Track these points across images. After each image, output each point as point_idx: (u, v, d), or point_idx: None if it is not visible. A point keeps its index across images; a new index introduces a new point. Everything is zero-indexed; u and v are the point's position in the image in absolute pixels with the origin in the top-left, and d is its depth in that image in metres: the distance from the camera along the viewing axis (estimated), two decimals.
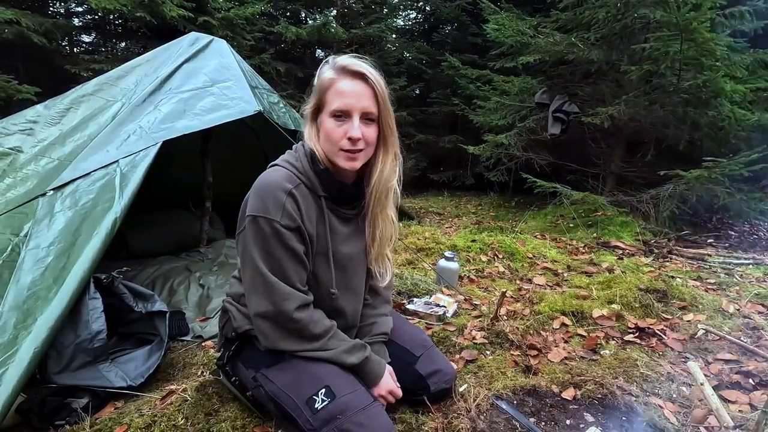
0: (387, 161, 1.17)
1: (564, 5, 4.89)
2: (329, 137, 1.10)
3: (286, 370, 1.16)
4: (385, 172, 1.17)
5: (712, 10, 3.66)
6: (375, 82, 1.10)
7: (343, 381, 1.13)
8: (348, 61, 1.11)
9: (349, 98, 1.08)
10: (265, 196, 1.08)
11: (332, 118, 1.09)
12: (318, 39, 7.19)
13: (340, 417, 1.06)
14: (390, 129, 1.15)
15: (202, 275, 2.60)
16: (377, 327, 1.34)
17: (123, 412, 1.39)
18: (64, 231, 1.60)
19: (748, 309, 2.16)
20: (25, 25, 4.32)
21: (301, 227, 1.11)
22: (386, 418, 1.12)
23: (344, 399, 1.08)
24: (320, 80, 1.13)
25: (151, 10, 4.99)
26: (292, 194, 1.10)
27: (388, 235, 1.26)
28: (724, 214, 4.42)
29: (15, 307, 1.39)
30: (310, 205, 1.14)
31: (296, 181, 1.12)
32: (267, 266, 1.10)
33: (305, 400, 1.09)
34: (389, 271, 1.33)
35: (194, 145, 2.72)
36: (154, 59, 2.42)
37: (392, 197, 1.23)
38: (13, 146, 2.00)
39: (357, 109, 1.08)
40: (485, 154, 5.70)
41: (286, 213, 1.08)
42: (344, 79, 1.09)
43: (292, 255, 1.11)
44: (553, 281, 2.67)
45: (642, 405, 1.38)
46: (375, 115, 1.11)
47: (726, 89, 3.73)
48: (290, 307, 1.11)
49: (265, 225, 1.07)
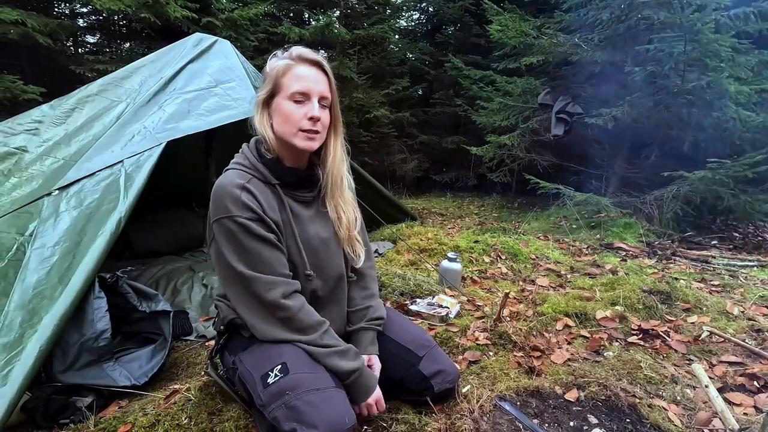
0: (338, 147, 1.24)
1: (568, 6, 4.89)
2: (288, 119, 1.14)
3: (255, 351, 1.16)
4: (338, 157, 1.24)
5: (716, 12, 3.65)
6: (329, 71, 1.19)
7: (304, 362, 1.10)
8: (304, 50, 1.17)
9: (309, 82, 1.14)
10: (222, 197, 1.11)
11: (290, 101, 1.14)
12: (321, 40, 7.19)
13: (289, 393, 1.02)
14: (338, 116, 1.23)
15: (205, 275, 2.61)
16: (372, 311, 1.33)
17: (127, 411, 1.40)
18: (69, 230, 1.61)
19: (752, 311, 2.15)
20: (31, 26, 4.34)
21: (263, 217, 1.13)
22: (344, 405, 1.06)
23: (298, 376, 1.05)
24: (275, 67, 1.16)
25: (156, 10, 5.01)
26: (245, 188, 1.12)
27: (352, 218, 1.30)
28: (729, 215, 4.39)
29: (21, 306, 1.40)
30: (267, 194, 1.16)
31: (247, 176, 1.15)
32: (243, 264, 1.11)
33: (260, 375, 1.09)
34: (363, 251, 1.35)
35: (198, 146, 2.74)
36: (158, 60, 2.43)
37: (347, 185, 1.29)
38: (19, 146, 2.01)
39: (315, 93, 1.15)
40: (488, 155, 5.70)
41: (246, 206, 1.10)
42: (302, 65, 1.15)
43: (265, 243, 1.13)
44: (556, 282, 2.67)
45: (646, 407, 1.37)
46: (329, 101, 1.19)
47: (731, 90, 3.72)
48: (276, 295, 1.11)
49: (230, 223, 1.10)
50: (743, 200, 3.77)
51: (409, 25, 9.36)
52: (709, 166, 3.66)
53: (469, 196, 7.26)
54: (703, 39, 3.59)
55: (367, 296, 1.37)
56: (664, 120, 4.24)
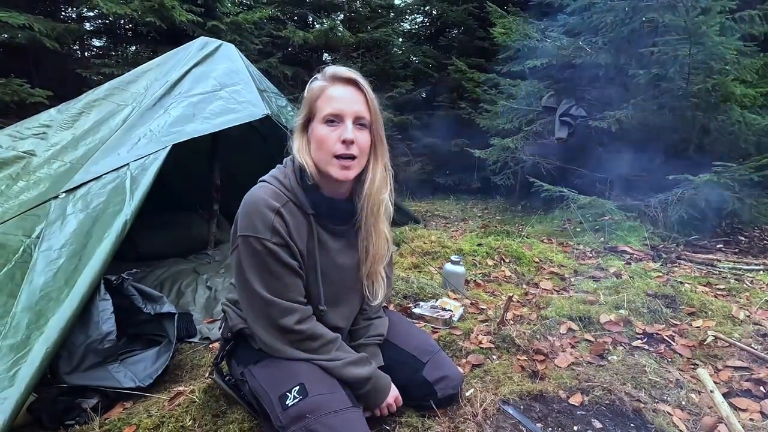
0: (377, 171, 1.15)
1: (571, 9, 4.88)
2: (322, 144, 1.08)
3: (269, 366, 1.15)
4: (376, 182, 1.15)
5: (721, 14, 3.64)
6: (366, 88, 1.11)
7: (321, 381, 1.10)
8: (338, 69, 1.12)
9: (342, 103, 1.08)
10: (253, 215, 1.08)
11: (324, 124, 1.08)
12: (325, 43, 7.23)
13: (309, 416, 1.03)
14: (380, 138, 1.15)
15: (209, 277, 2.62)
16: (373, 329, 1.34)
17: (132, 412, 1.41)
18: (75, 233, 1.63)
19: (758, 315, 2.13)
20: (38, 30, 4.39)
21: (290, 244, 1.11)
22: (362, 426, 1.07)
23: (317, 398, 1.06)
24: (310, 91, 1.13)
25: (161, 14, 5.05)
26: (279, 213, 1.08)
27: (383, 252, 1.24)
28: (734, 219, 4.36)
29: (28, 308, 1.41)
30: (299, 222, 1.13)
31: (284, 199, 1.11)
32: (263, 287, 1.09)
33: (278, 396, 1.08)
34: (382, 289, 1.29)
35: (203, 148, 2.75)
36: (163, 64, 2.46)
37: (384, 211, 1.20)
38: (27, 150, 2.04)
39: (350, 114, 1.08)
40: (492, 158, 5.69)
41: (276, 231, 1.08)
42: (335, 86, 1.10)
43: (287, 270, 1.11)
44: (559, 286, 2.66)
45: (651, 412, 1.36)
46: (367, 121, 1.11)
47: (736, 93, 3.70)
48: (291, 321, 1.11)
49: (257, 244, 1.07)
50: (749, 204, 3.74)
51: (413, 28, 9.37)
52: (715, 169, 3.64)
53: (473, 198, 7.25)
54: (708, 42, 3.58)
55: (368, 317, 1.38)
56: (669, 123, 4.22)
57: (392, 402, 1.23)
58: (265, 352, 1.17)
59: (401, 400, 1.26)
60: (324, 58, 8.36)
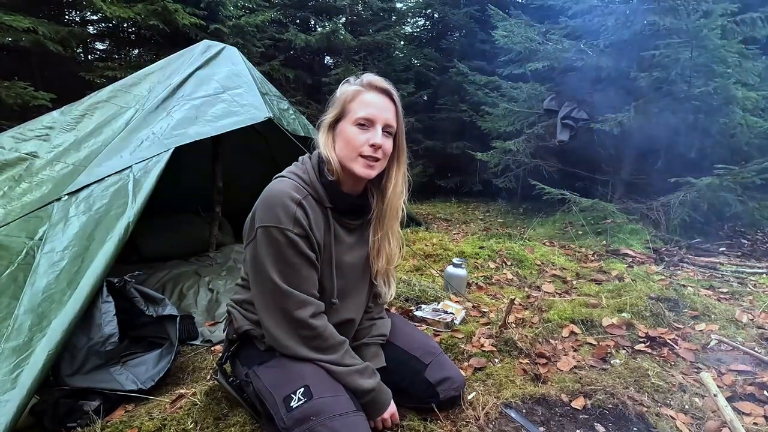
0: (399, 177, 1.24)
1: (573, 12, 4.89)
2: (350, 143, 1.14)
3: (274, 367, 1.16)
4: (398, 188, 1.24)
5: (723, 17, 3.64)
6: (397, 101, 1.19)
7: (326, 384, 1.11)
8: (375, 78, 1.19)
9: (375, 109, 1.15)
10: (275, 206, 1.10)
11: (355, 126, 1.14)
12: (327, 46, 7.26)
13: (313, 419, 1.03)
14: (403, 147, 1.23)
15: (211, 280, 2.62)
16: (376, 329, 1.36)
17: (133, 415, 1.41)
18: (78, 235, 1.63)
19: (762, 319, 2.13)
20: (42, 33, 4.42)
21: (310, 235, 1.14)
22: (366, 430, 1.08)
23: (321, 401, 1.06)
24: (344, 93, 1.18)
25: (164, 18, 5.08)
26: (301, 204, 1.12)
27: (396, 252, 1.31)
28: (737, 222, 4.36)
29: (30, 310, 1.41)
30: (317, 214, 1.17)
31: (304, 192, 1.15)
32: (281, 276, 1.11)
33: (283, 397, 1.09)
34: (392, 286, 1.37)
35: (205, 151, 2.76)
36: (166, 67, 2.46)
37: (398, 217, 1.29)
38: (30, 151, 2.04)
39: (381, 120, 1.15)
40: (493, 161, 5.70)
41: (297, 222, 1.10)
42: (371, 92, 1.17)
43: (306, 262, 1.13)
44: (562, 289, 2.65)
45: (654, 416, 1.36)
46: (394, 130, 1.19)
47: (737, 96, 3.70)
48: (306, 314, 1.12)
49: (279, 234, 1.09)
50: (751, 207, 3.74)
51: (415, 31, 9.41)
52: (717, 172, 3.64)
53: (474, 201, 7.25)
54: (709, 45, 3.58)
55: (371, 318, 1.39)
56: (671, 126, 4.22)
57: (387, 417, 1.22)
58: (271, 353, 1.17)
59: (398, 417, 1.26)
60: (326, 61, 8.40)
